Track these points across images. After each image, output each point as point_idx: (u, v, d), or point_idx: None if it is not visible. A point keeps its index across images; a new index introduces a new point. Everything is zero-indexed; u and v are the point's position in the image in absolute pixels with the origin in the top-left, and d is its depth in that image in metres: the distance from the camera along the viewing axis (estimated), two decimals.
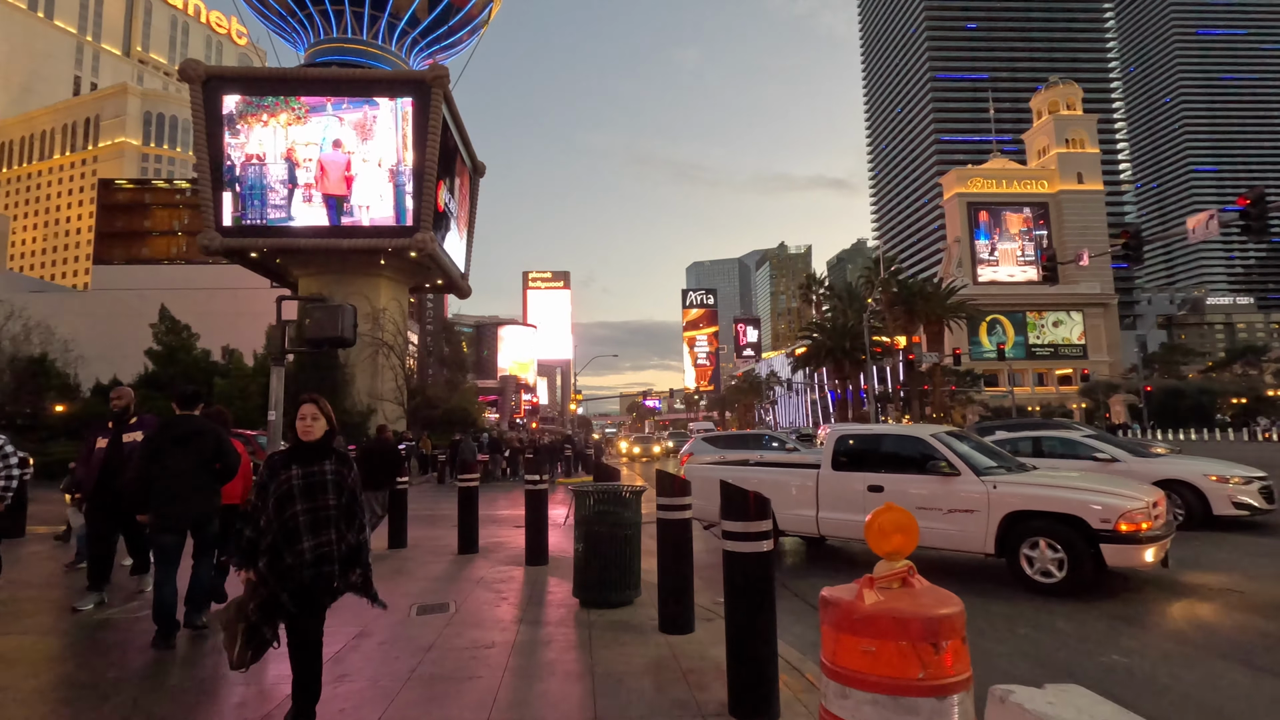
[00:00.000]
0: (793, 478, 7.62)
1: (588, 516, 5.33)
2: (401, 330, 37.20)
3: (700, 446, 16.94)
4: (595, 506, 5.33)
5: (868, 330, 40.79)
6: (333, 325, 5.65)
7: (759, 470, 8.09)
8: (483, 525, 11.90)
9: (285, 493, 3.05)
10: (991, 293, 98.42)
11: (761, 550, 3.40)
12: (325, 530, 3.08)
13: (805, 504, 7.37)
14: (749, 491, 3.48)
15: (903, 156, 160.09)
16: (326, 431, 3.21)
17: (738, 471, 8.27)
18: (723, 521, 3.54)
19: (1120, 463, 9.56)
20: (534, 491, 7.10)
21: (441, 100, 36.56)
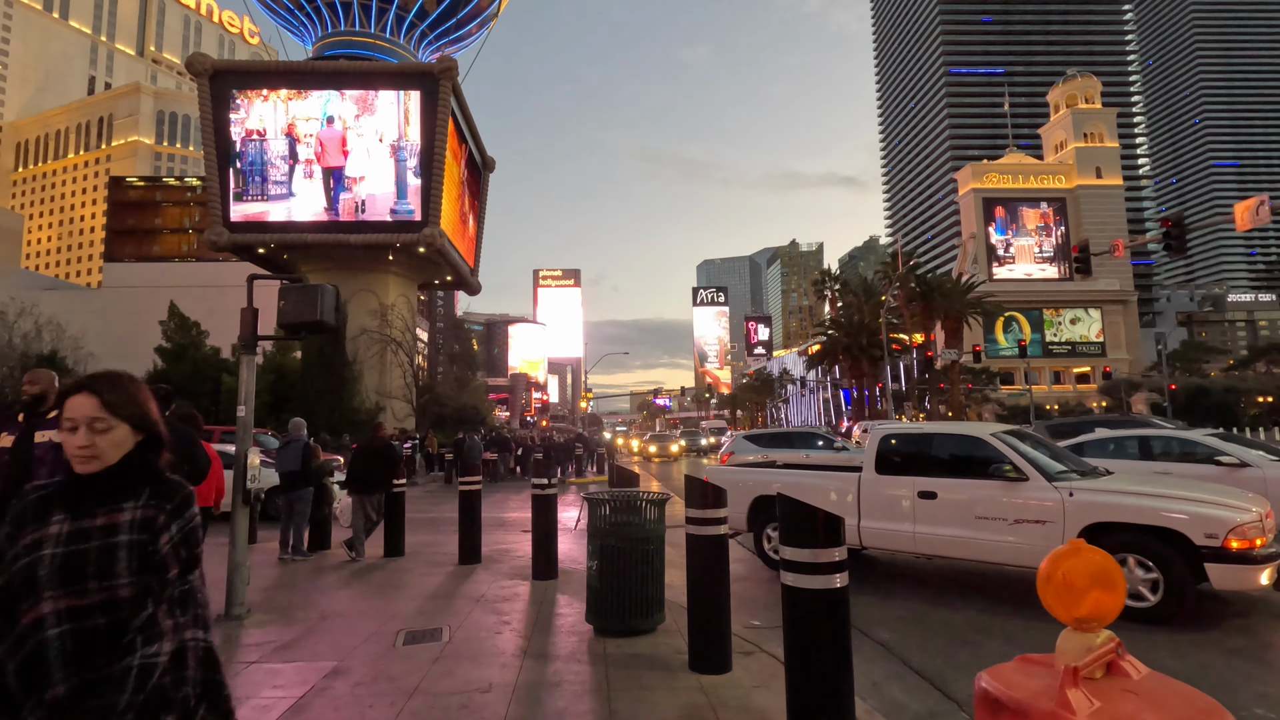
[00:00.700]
0: (829, 482, 6.82)
1: (603, 529, 4.57)
2: (410, 327, 36.64)
3: (741, 445, 15.86)
4: (612, 517, 4.57)
5: (885, 326, 39.84)
6: (310, 308, 4.92)
7: (789, 473, 7.29)
8: (488, 529, 11.18)
9: (22, 572, 1.41)
10: (1008, 289, 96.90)
11: (834, 586, 2.61)
12: (99, 654, 1.38)
13: (844, 511, 6.57)
14: (817, 510, 2.70)
15: (916, 152, 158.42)
16: (135, 449, 1.53)
17: (764, 474, 7.48)
18: (783, 548, 2.75)
19: (1253, 469, 7.63)
20: (542, 497, 6.35)
21: (450, 93, 35.95)
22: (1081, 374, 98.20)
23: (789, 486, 7.11)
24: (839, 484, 6.72)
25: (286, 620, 5.09)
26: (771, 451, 14.65)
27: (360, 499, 7.99)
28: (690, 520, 3.99)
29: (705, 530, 3.91)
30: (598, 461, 24.15)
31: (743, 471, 7.65)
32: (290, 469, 7.96)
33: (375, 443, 8.18)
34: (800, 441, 15.98)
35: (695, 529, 3.94)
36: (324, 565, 7.63)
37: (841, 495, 6.62)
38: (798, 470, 7.33)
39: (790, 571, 2.69)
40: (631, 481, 5.67)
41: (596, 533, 4.62)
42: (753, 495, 7.20)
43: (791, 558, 2.69)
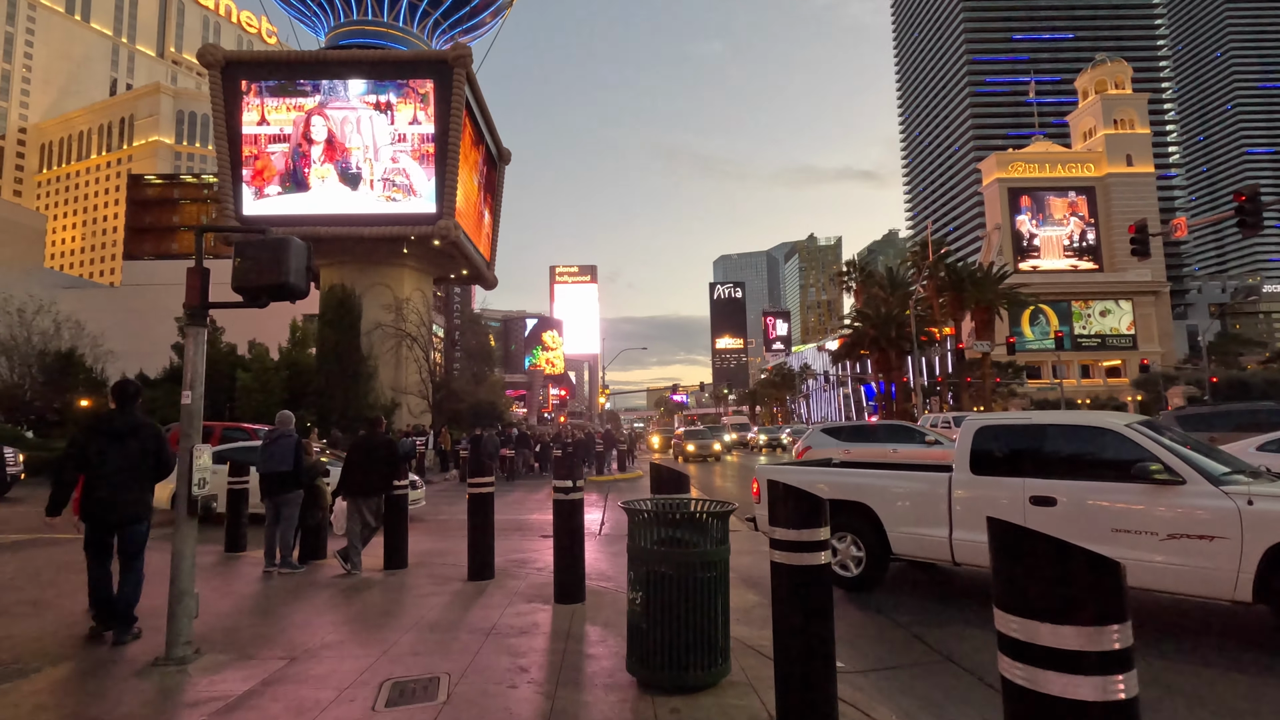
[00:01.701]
0: (911, 484, 5.67)
1: (648, 550, 3.48)
2: (425, 321, 35.85)
3: (819, 439, 14.35)
4: (660, 534, 3.47)
5: (914, 317, 38.35)
6: (274, 268, 3.86)
7: (858, 474, 6.13)
8: (504, 534, 10.13)
9: None
10: (1034, 281, 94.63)
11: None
12: None
13: (930, 520, 5.42)
14: (1089, 554, 1.55)
15: (937, 143, 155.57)
16: None
17: (826, 475, 6.32)
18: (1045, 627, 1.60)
19: None
20: (565, 502, 5.26)
21: (464, 81, 35.03)
22: (1112, 367, 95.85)
23: (841, 486, 5.97)
24: (924, 487, 5.55)
25: (245, 662, 4.04)
26: (854, 446, 13.28)
27: (356, 503, 6.96)
28: (779, 544, 2.87)
29: (801, 559, 2.79)
30: (619, 459, 23.07)
31: (798, 471, 6.50)
32: (278, 469, 6.95)
33: (374, 439, 7.14)
34: (887, 435, 14.35)
35: (786, 555, 2.82)
36: (313, 580, 6.60)
37: (926, 501, 5.47)
38: (871, 471, 6.15)
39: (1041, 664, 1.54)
40: (679, 485, 4.55)
41: (640, 555, 3.52)
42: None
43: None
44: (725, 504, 3.65)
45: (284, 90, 35.08)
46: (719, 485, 17.37)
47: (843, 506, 5.90)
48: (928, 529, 5.42)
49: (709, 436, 29.91)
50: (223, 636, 4.58)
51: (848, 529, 5.88)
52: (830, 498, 5.78)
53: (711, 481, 18.09)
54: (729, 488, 16.25)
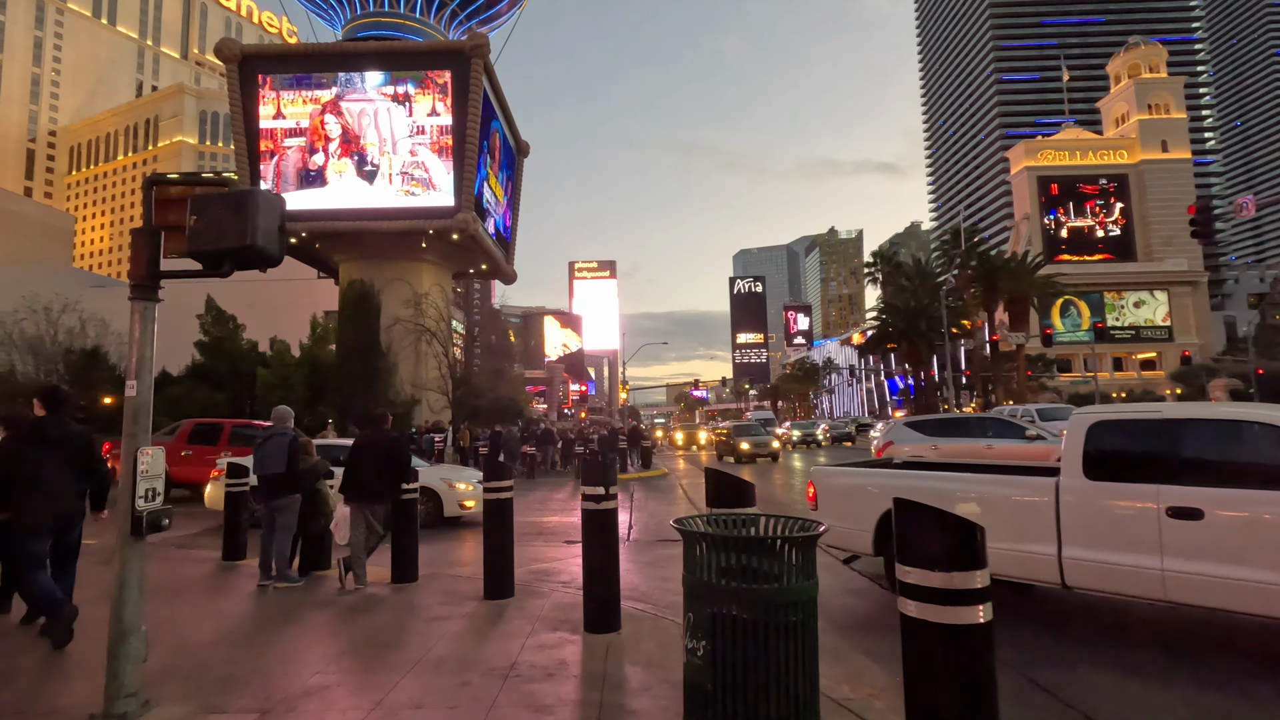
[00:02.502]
0: (1007, 490, 4.76)
1: (711, 585, 2.63)
2: (444, 316, 35.35)
3: (902, 434, 12.71)
4: (726, 562, 2.63)
5: (945, 309, 37.04)
6: (237, 227, 3.08)
7: (937, 478, 5.22)
8: (526, 539, 9.35)
9: None
10: (1064, 271, 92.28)
11: None
12: None
13: (1035, 535, 4.51)
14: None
15: (962, 132, 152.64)
16: None
17: (896, 478, 5.43)
18: None
19: None
20: (597, 513, 4.45)
21: (482, 71, 34.35)
22: (1146, 360, 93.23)
23: (914, 491, 5.06)
24: (1023, 494, 4.64)
25: (203, 718, 3.27)
26: (942, 441, 11.94)
27: (360, 509, 6.21)
28: (914, 592, 2.02)
29: (953, 615, 1.93)
30: (643, 456, 22.26)
31: (866, 473, 5.60)
32: (272, 470, 6.22)
33: (379, 437, 6.38)
34: (981, 429, 12.52)
35: (928, 610, 1.97)
36: (311, 597, 5.87)
37: (1027, 511, 4.56)
38: (954, 474, 5.23)
39: None
40: (741, 496, 3.69)
41: (700, 592, 2.67)
42: (883, 507, 5.18)
43: None
44: (807, 522, 2.79)
45: (300, 83, 34.69)
46: (775, 494, 15.04)
47: None
48: (1030, 544, 4.51)
49: (764, 433, 25.79)
50: (186, 677, 3.82)
51: None
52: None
53: (771, 490, 16.13)
54: (778, 495, 14.09)
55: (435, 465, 12.26)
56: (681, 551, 2.70)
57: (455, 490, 10.67)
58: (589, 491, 4.46)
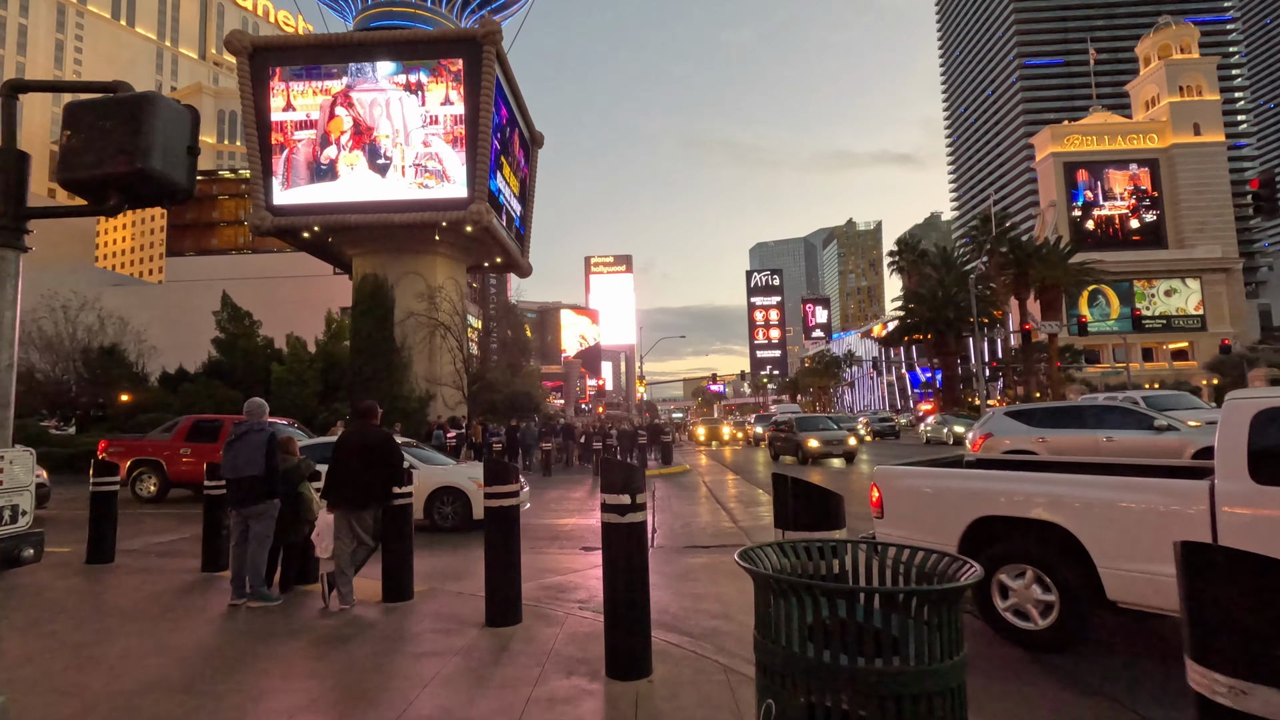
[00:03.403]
0: (1141, 496, 3.78)
1: (804, 663, 1.71)
2: (459, 310, 34.68)
3: (1003, 425, 11.19)
4: (822, 622, 1.71)
5: (974, 297, 35.65)
6: (124, 146, 2.21)
7: (1045, 480, 4.22)
8: (538, 544, 8.49)
9: None
10: (1093, 258, 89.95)
11: None
12: None
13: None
14: None
15: (984, 120, 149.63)
16: None
17: (988, 481, 4.44)
18: None
19: None
20: (622, 528, 3.54)
21: (494, 59, 33.51)
22: (1178, 350, 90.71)
23: (1015, 495, 4.09)
24: (1164, 501, 3.66)
25: None
26: (1050, 433, 10.49)
27: (346, 516, 5.36)
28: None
29: None
30: (664, 452, 21.33)
31: (947, 474, 4.63)
32: (246, 473, 5.39)
33: (367, 434, 5.52)
34: (1095, 419, 10.79)
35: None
36: (286, 621, 5.04)
37: (1170, 523, 3.58)
38: (1061, 474, 4.23)
39: None
40: (828, 514, 2.70)
41: (786, 668, 1.75)
42: (971, 516, 4.22)
43: None
44: (943, 557, 1.86)
45: (310, 74, 34.10)
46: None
47: (1023, 528, 4.05)
48: (1173, 566, 3.54)
49: (837, 428, 21.13)
50: None
51: (1029, 560, 4.02)
52: (1002, 514, 3.93)
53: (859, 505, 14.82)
54: None
55: (462, 464, 11.45)
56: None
57: (482, 490, 9.85)
58: (611, 500, 3.55)
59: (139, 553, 8.11)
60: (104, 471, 7.35)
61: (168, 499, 13.66)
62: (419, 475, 9.62)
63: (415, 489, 9.69)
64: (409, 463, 9.66)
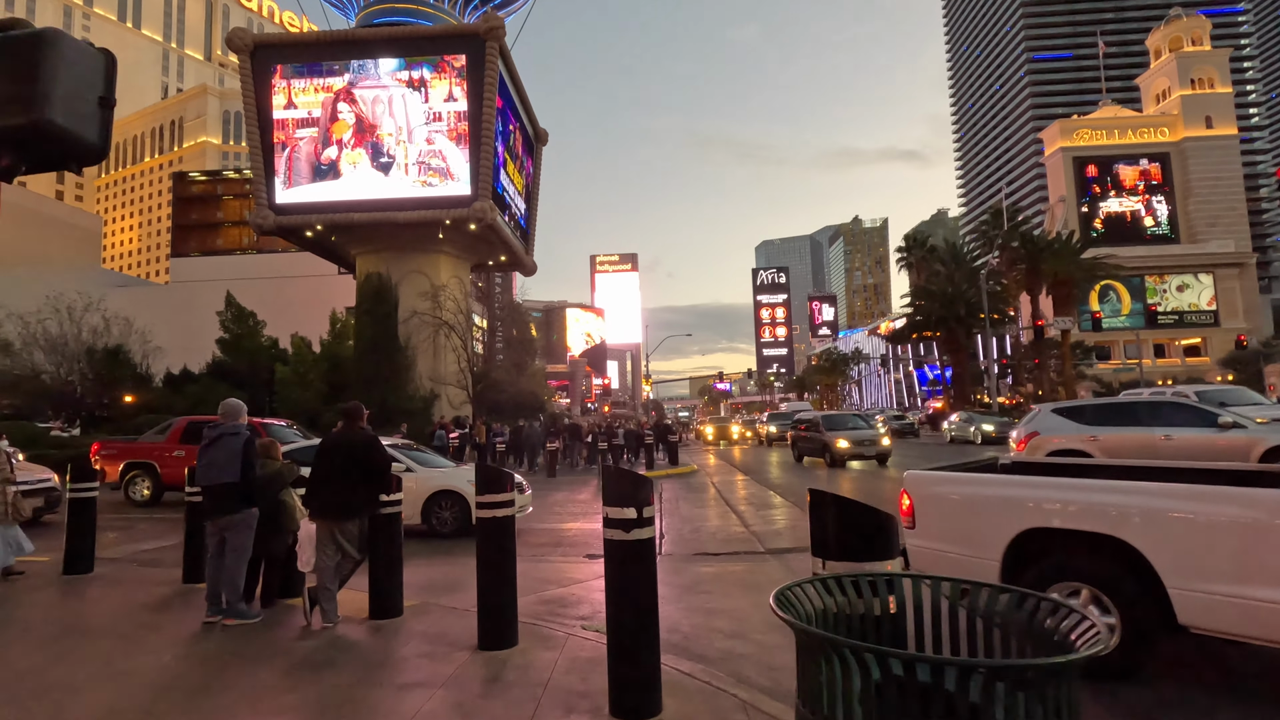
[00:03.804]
0: (1218, 507, 3.32)
1: None
2: (463, 308, 34.36)
3: (1051, 423, 10.30)
4: (888, 691, 1.27)
5: (985, 293, 35.10)
6: (18, 98, 1.81)
7: (1103, 487, 3.75)
8: (539, 552, 8.06)
9: None
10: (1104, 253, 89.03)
11: None
12: None
13: (1264, 572, 3.08)
14: None
15: (992, 115, 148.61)
16: None
17: (1038, 488, 3.98)
18: None
19: None
20: (628, 546, 3.10)
21: (497, 55, 33.14)
22: (1191, 346, 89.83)
23: (1100, 513, 3.63)
24: (1247, 513, 3.20)
25: None
26: (1103, 431, 9.67)
27: (328, 527, 4.95)
28: None
29: None
30: (670, 451, 20.89)
31: (987, 480, 4.17)
32: (221, 479, 4.98)
33: (351, 437, 5.11)
34: (1152, 416, 9.92)
35: None
36: (263, 641, 4.63)
37: (1254, 537, 3.12)
38: (1131, 483, 3.74)
39: None
40: (879, 541, 2.22)
41: None
42: (1017, 528, 3.77)
43: None
44: (1046, 603, 1.42)
45: (312, 71, 33.81)
46: None
47: (1077, 541, 3.60)
48: (1255, 588, 3.08)
49: (867, 426, 19.28)
50: None
51: (1085, 578, 3.57)
52: (1056, 526, 3.48)
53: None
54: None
55: (462, 466, 11.00)
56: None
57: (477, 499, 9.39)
58: (615, 514, 3.11)
59: (121, 562, 7.74)
60: (81, 476, 6.97)
61: (162, 502, 13.31)
62: (416, 479, 9.21)
63: (412, 493, 9.32)
64: (404, 465, 9.26)
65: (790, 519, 10.25)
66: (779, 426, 31.44)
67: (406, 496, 9.22)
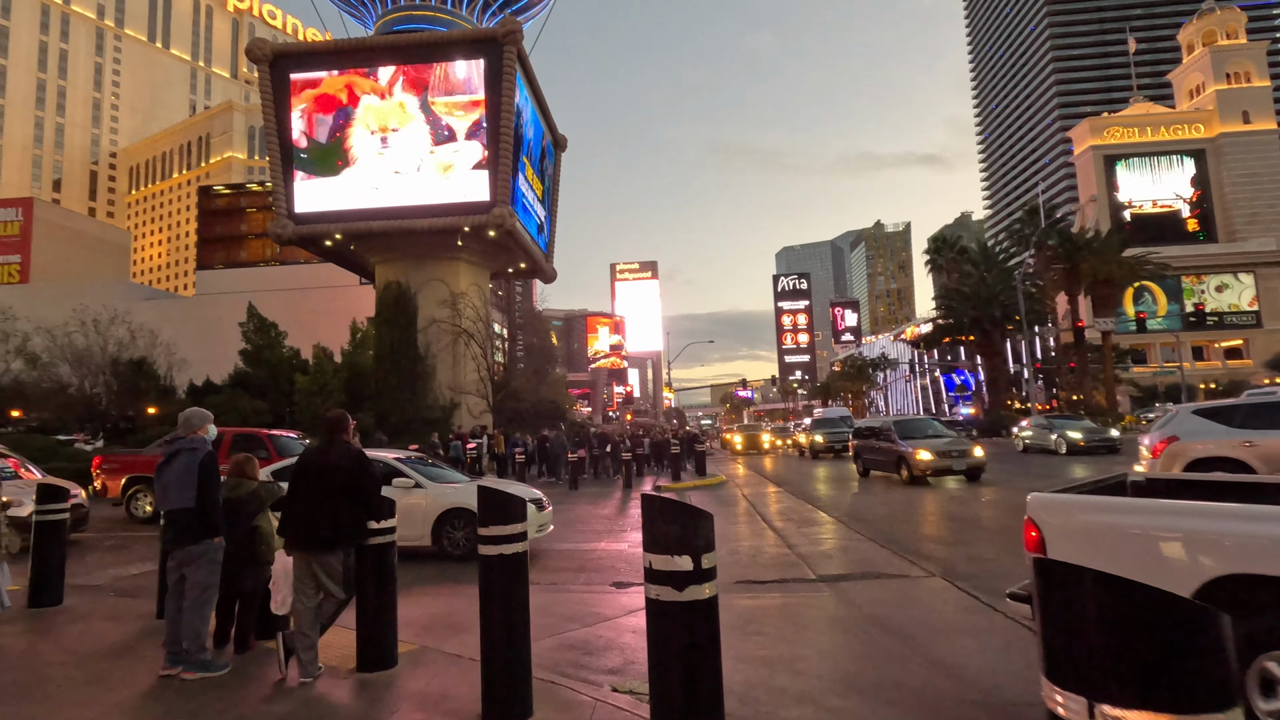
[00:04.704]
0: None
1: None
2: (482, 316, 33.82)
3: (1191, 425, 9.01)
4: None
5: (1022, 294, 33.68)
6: None
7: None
8: (559, 579, 7.14)
9: None
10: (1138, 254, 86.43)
11: None
12: None
13: None
14: None
15: (1017, 115, 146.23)
16: None
17: (1249, 520, 2.95)
18: None
19: None
20: (678, 610, 2.19)
21: (515, 59, 32.65)
22: (1231, 348, 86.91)
23: (1243, 538, 2.62)
24: None
25: None
26: (1259, 436, 8.28)
27: (307, 561, 4.10)
28: None
29: None
30: (700, 463, 19.88)
31: (1154, 507, 3.16)
32: (176, 505, 4.16)
33: (335, 453, 4.26)
34: None
35: None
36: (223, 705, 3.78)
37: None
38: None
39: None
40: (1208, 679, 1.30)
41: None
42: (1209, 573, 2.79)
43: None
44: None
45: (332, 81, 33.59)
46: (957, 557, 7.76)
47: (1263, 588, 2.61)
48: None
49: (951, 435, 16.82)
50: None
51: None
52: (1268, 573, 2.49)
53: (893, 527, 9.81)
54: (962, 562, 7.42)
55: (477, 479, 10.07)
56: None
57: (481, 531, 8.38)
58: (663, 564, 2.20)
59: (98, 590, 6.98)
60: (49, 497, 6.22)
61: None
62: (426, 495, 8.39)
63: (422, 511, 8.32)
64: (413, 481, 8.42)
65: (840, 538, 9.24)
66: (828, 435, 27.54)
67: (416, 515, 8.26)
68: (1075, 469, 17.15)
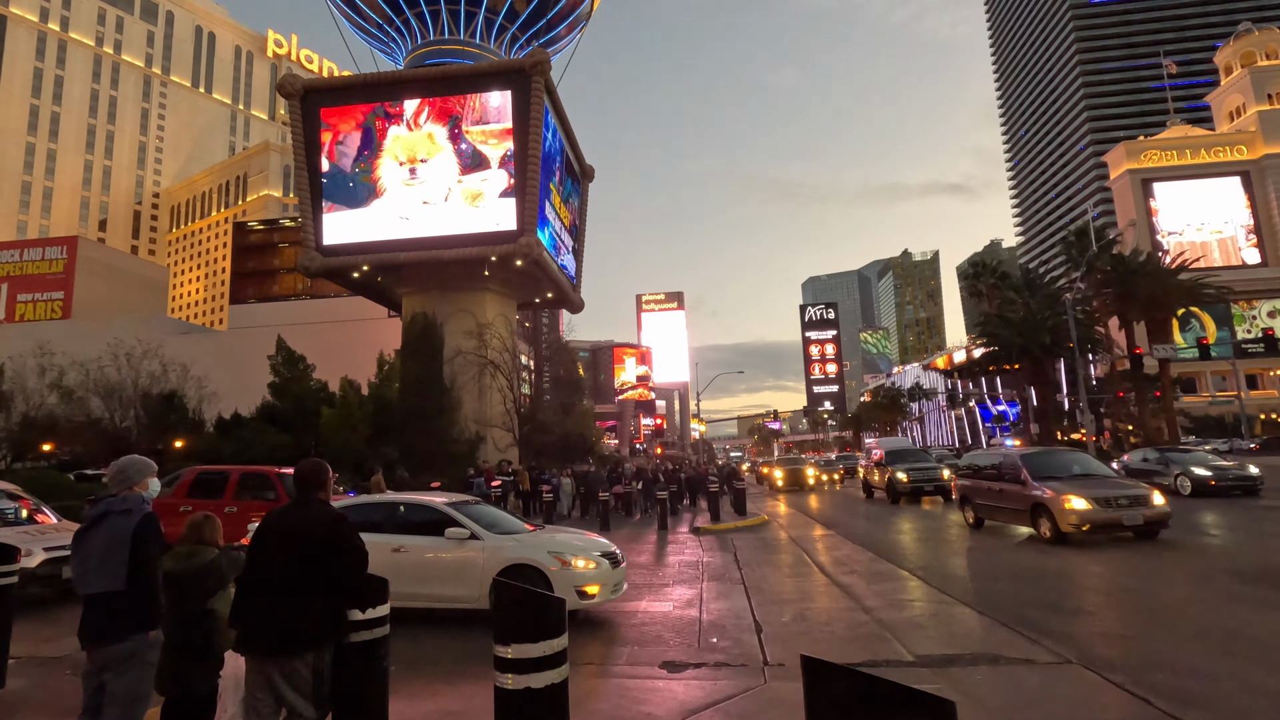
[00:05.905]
0: None
1: None
2: (509, 347, 33.06)
3: None
4: None
5: (1073, 319, 31.93)
6: None
7: None
8: (595, 654, 5.97)
9: None
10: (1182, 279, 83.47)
11: None
12: None
13: None
14: None
15: (1047, 143, 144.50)
16: None
17: None
18: None
19: None
20: None
21: (543, 90, 32.42)
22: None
23: None
24: None
25: None
26: None
27: (264, 666, 2.98)
28: None
29: None
30: (739, 500, 18.47)
31: None
32: (95, 586, 3.10)
33: (305, 516, 3.16)
34: None
35: None
36: None
37: None
38: None
39: None
40: None
41: None
42: None
43: None
44: None
45: (361, 115, 33.68)
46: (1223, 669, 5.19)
47: None
48: None
49: (1112, 476, 13.33)
50: None
51: None
52: None
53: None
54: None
55: (541, 530, 8.38)
56: None
57: (572, 570, 6.96)
58: None
59: (54, 665, 5.93)
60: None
61: None
62: (484, 549, 7.11)
63: (478, 568, 6.92)
64: (468, 531, 7.23)
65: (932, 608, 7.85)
66: (913, 473, 21.16)
67: (471, 573, 6.94)
68: (1216, 514, 14.46)
